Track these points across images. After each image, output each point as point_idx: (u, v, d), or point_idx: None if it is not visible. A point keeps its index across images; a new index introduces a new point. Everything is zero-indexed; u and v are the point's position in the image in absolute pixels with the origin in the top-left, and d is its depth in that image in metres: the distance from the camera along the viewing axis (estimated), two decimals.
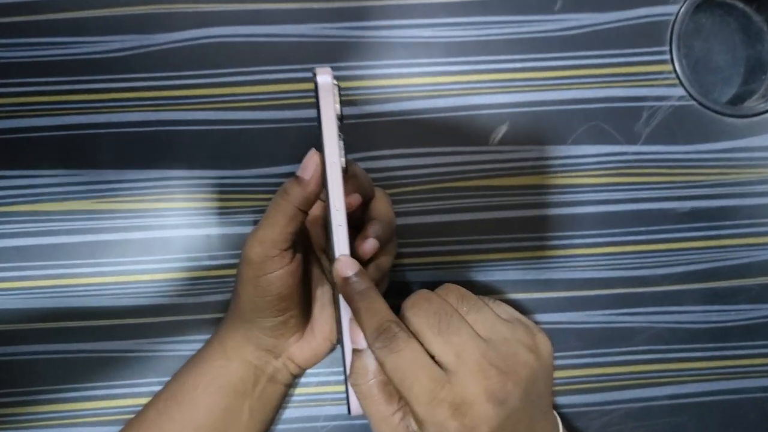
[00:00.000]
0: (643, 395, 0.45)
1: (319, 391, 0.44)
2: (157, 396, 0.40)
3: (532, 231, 0.45)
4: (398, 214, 0.44)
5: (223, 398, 0.39)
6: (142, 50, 0.44)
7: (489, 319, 0.32)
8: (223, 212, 0.44)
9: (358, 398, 0.32)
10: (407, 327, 0.31)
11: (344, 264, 0.33)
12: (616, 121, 0.45)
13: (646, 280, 0.45)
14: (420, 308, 0.31)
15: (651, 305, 0.45)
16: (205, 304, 0.44)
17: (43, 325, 0.43)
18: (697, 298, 0.45)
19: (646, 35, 0.46)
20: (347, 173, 0.34)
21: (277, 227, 0.35)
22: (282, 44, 0.45)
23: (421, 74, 0.45)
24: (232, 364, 0.39)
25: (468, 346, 0.30)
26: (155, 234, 0.44)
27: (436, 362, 0.30)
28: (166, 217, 0.44)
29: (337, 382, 0.44)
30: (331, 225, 0.33)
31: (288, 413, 0.43)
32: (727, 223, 0.46)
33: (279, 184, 0.43)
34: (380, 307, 0.32)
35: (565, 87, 0.45)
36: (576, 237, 0.45)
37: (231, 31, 0.44)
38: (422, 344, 0.31)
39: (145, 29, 0.44)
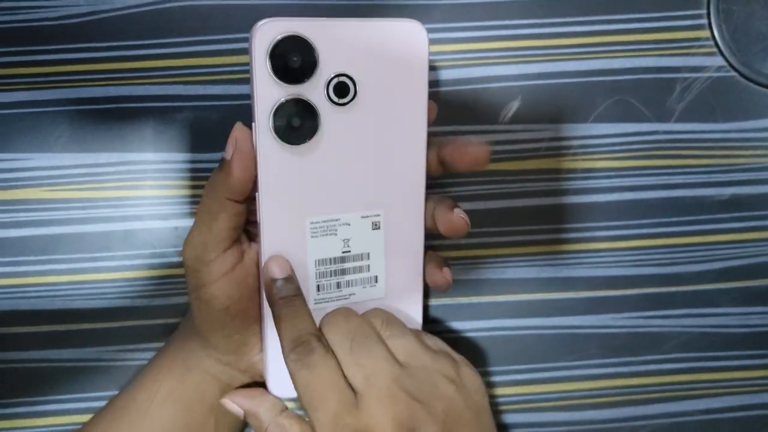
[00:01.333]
0: (674, 409, 0.40)
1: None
2: (110, 403, 0.35)
3: (547, 222, 0.39)
4: None
5: (185, 412, 0.33)
6: (98, 15, 0.38)
7: (411, 346, 0.30)
8: (193, 201, 0.39)
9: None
10: (323, 338, 0.29)
11: (275, 265, 0.30)
12: (645, 96, 0.39)
13: (679, 278, 0.40)
14: (336, 324, 0.29)
15: (683, 307, 0.40)
16: (173, 306, 0.39)
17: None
18: (735, 299, 0.40)
19: None
20: None
21: (206, 225, 0.29)
22: (260, 7, 0.39)
23: None
24: (193, 376, 0.33)
25: (379, 369, 0.28)
26: (116, 226, 0.38)
27: (336, 378, 0.28)
28: (128, 207, 0.39)
29: None
30: (260, 214, 0.29)
31: None
32: None
33: None
34: (303, 317, 0.29)
35: (586, 56, 0.39)
36: (598, 229, 0.39)
37: None
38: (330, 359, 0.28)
39: None
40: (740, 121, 0.40)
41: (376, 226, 0.31)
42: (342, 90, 0.29)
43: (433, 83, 0.39)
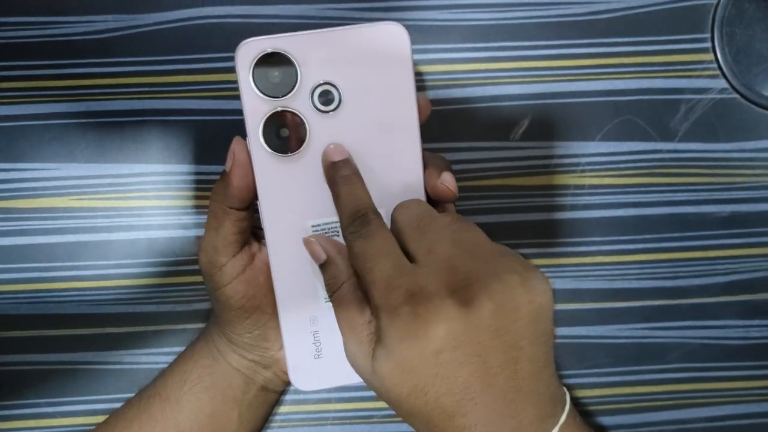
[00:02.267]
0: (678, 417, 0.41)
1: (319, 409, 0.40)
2: (140, 392, 0.36)
3: (556, 236, 0.41)
4: None
5: (210, 401, 0.35)
6: (127, 31, 0.40)
7: (478, 239, 0.29)
8: None
9: (334, 308, 0.29)
10: (393, 227, 0.29)
11: (334, 150, 0.30)
12: (650, 116, 0.41)
13: (682, 292, 0.41)
14: (407, 207, 0.29)
15: (687, 319, 0.41)
16: (195, 312, 0.40)
17: (16, 333, 0.39)
18: (736, 312, 0.41)
19: (685, 20, 0.41)
20: None
21: (214, 231, 0.31)
22: (281, 26, 0.40)
23: (436, 61, 0.41)
24: (220, 367, 0.35)
25: (442, 244, 0.28)
26: (140, 235, 0.40)
27: (395, 247, 0.28)
28: (152, 216, 0.40)
29: (339, 400, 0.40)
30: (262, 219, 0.31)
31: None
32: None
33: None
34: (361, 194, 0.30)
35: (594, 77, 0.41)
36: (604, 243, 0.41)
37: (225, 12, 0.40)
38: (399, 239, 0.29)
39: (131, 8, 0.40)
40: (741, 142, 0.41)
41: None
42: (326, 98, 0.30)
43: (447, 101, 0.41)
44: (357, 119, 0.30)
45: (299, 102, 0.30)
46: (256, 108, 0.29)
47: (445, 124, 0.40)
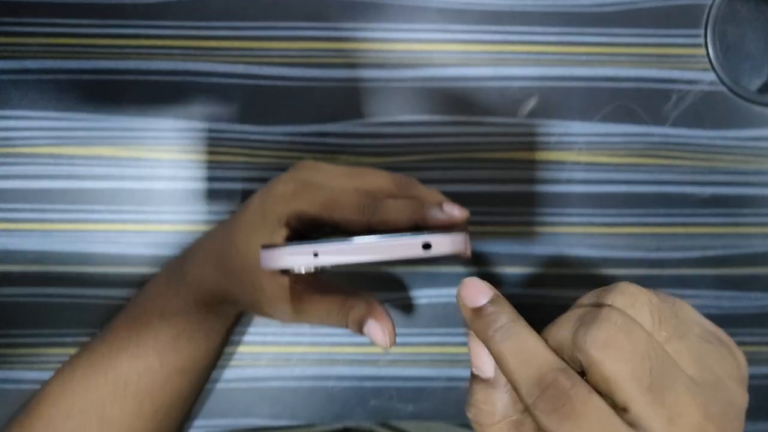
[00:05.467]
0: None
1: (331, 351, 0.44)
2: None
3: (552, 206, 0.45)
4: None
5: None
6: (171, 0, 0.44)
7: (695, 347, 0.23)
8: (247, 167, 0.44)
9: None
10: (593, 371, 0.22)
11: (474, 288, 0.24)
12: (644, 102, 0.45)
13: (663, 263, 0.45)
14: (620, 347, 0.21)
15: (665, 287, 0.45)
16: None
17: (61, 268, 0.43)
18: (711, 283, 0.46)
19: (681, 17, 0.45)
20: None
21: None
22: (315, 1, 0.44)
23: (453, 41, 0.45)
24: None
25: (687, 407, 0.21)
26: (179, 185, 0.44)
27: (627, 421, 0.21)
28: (190, 168, 0.44)
29: (349, 343, 0.44)
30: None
31: (299, 371, 0.44)
32: (746, 210, 0.46)
33: (304, 143, 0.43)
34: (537, 348, 0.23)
35: (596, 64, 0.45)
36: (596, 215, 0.45)
37: None
38: (608, 395, 0.22)
39: None
40: (724, 130, 0.46)
41: None
42: None
43: (461, 78, 0.45)
44: None
45: None
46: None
47: (457, 99, 0.45)
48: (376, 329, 0.33)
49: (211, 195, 0.44)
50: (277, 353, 0.44)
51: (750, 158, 0.46)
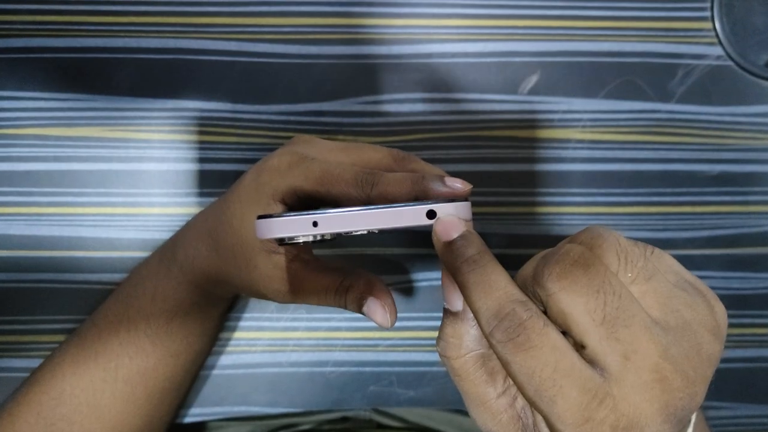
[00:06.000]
0: None
1: (329, 336, 0.43)
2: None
3: (556, 186, 0.44)
4: None
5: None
6: None
7: (663, 292, 0.22)
8: (240, 148, 0.43)
9: (450, 373, 0.25)
10: (550, 304, 0.22)
11: (448, 224, 0.24)
12: (650, 78, 0.44)
13: (670, 243, 0.44)
14: (575, 280, 0.21)
15: None
16: None
17: (49, 253, 0.42)
18: (719, 264, 0.44)
19: None
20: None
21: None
22: None
23: (453, 15, 0.43)
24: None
25: (643, 343, 0.21)
26: (169, 167, 0.42)
27: (585, 358, 0.21)
28: (181, 149, 0.42)
29: (347, 328, 0.43)
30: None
31: (296, 357, 0.43)
32: (755, 189, 0.44)
33: (300, 122, 0.42)
34: (499, 279, 0.23)
35: (600, 38, 0.44)
36: (601, 195, 0.44)
37: None
38: (567, 332, 0.22)
39: None
40: (733, 106, 0.44)
41: None
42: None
43: (462, 54, 0.43)
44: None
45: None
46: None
47: (457, 75, 0.43)
48: (376, 307, 0.31)
49: (203, 177, 0.43)
50: (274, 339, 0.42)
51: (759, 135, 0.44)
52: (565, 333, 0.22)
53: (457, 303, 0.24)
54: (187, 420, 0.42)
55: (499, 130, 0.44)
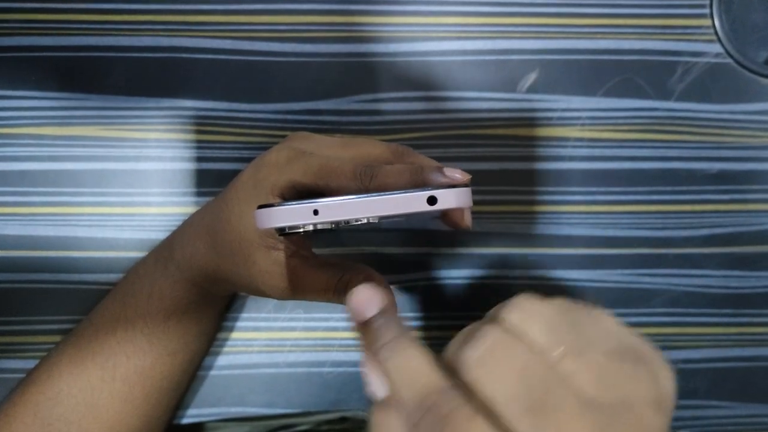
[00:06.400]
0: None
1: (326, 336, 0.43)
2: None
3: (554, 184, 0.43)
4: None
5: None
6: None
7: (598, 365, 0.21)
8: (237, 147, 0.42)
9: None
10: (476, 391, 0.21)
11: (364, 297, 0.23)
12: (649, 75, 0.44)
13: (669, 242, 0.44)
14: (494, 368, 0.21)
15: (672, 267, 0.44)
16: None
17: (45, 253, 0.42)
18: (718, 263, 0.44)
19: None
20: None
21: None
22: None
23: (451, 13, 0.43)
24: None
25: (574, 428, 0.20)
26: (166, 166, 0.42)
27: None
28: (177, 148, 0.42)
29: (345, 328, 0.43)
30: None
31: (294, 357, 0.42)
32: (755, 187, 0.44)
33: (296, 121, 0.42)
34: (420, 366, 0.21)
35: (599, 36, 0.43)
36: (600, 193, 0.44)
37: None
38: (495, 420, 0.20)
39: None
40: (732, 104, 0.44)
41: None
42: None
43: (459, 52, 0.43)
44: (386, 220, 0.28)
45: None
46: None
47: (455, 73, 0.43)
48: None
49: (200, 176, 0.42)
50: (271, 339, 0.42)
51: (758, 133, 0.44)
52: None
53: (379, 389, 0.22)
54: (185, 421, 0.42)
55: (498, 129, 0.43)
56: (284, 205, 0.25)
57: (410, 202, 0.25)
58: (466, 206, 0.25)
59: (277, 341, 0.42)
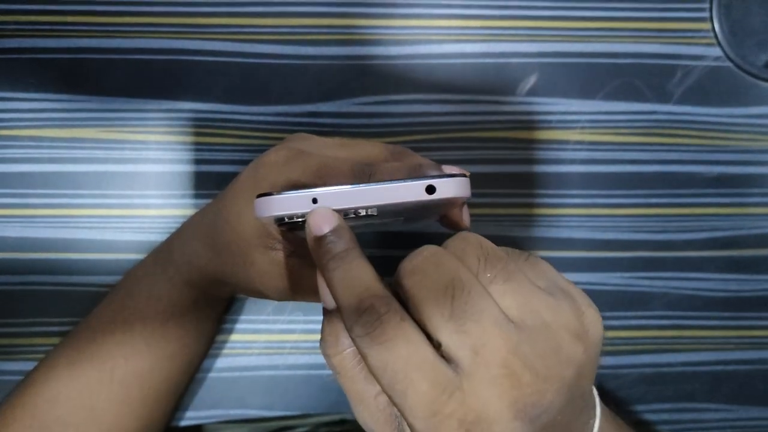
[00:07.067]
0: (657, 361, 0.44)
1: None
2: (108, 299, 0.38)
3: (554, 187, 0.44)
4: None
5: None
6: None
7: (523, 292, 0.23)
8: (236, 149, 0.42)
9: (332, 371, 0.25)
10: (406, 301, 0.23)
11: (320, 217, 0.24)
12: (648, 79, 0.44)
13: (669, 245, 0.44)
14: (425, 275, 0.23)
15: (671, 270, 0.44)
16: None
17: (44, 255, 0.42)
18: (717, 266, 0.44)
19: None
20: None
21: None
22: None
23: (451, 16, 0.43)
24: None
25: (492, 338, 0.21)
26: (165, 168, 0.42)
27: (442, 355, 0.22)
28: (176, 150, 0.42)
29: None
30: None
31: (293, 360, 0.42)
32: (754, 190, 0.44)
33: (296, 123, 0.42)
34: (362, 275, 0.23)
35: (598, 39, 0.43)
36: (600, 196, 0.44)
37: None
38: (423, 329, 0.22)
39: None
40: (732, 107, 0.44)
41: None
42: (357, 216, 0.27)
43: (459, 55, 0.43)
44: (387, 216, 0.28)
45: None
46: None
47: (455, 76, 0.43)
48: None
49: (199, 178, 0.42)
50: (270, 341, 0.42)
51: (757, 136, 0.44)
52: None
53: (329, 300, 0.24)
54: (184, 423, 0.42)
55: (497, 132, 0.43)
56: (283, 194, 0.25)
57: (409, 191, 0.25)
58: (465, 196, 0.25)
59: (276, 343, 0.42)
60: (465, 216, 0.32)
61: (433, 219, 0.32)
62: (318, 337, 0.42)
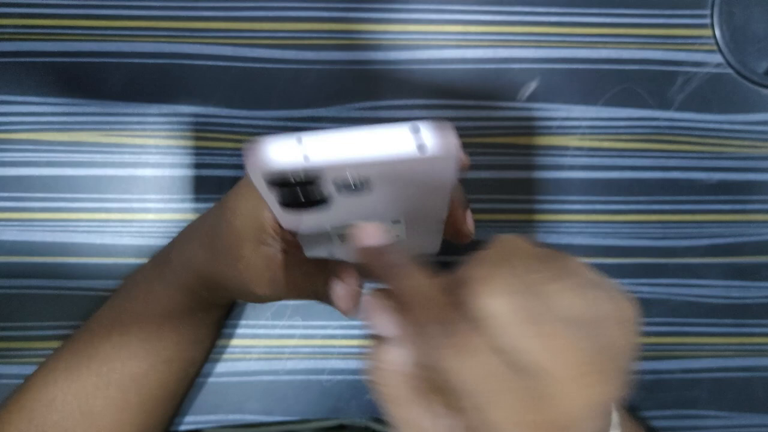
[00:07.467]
0: (657, 367, 0.44)
1: (325, 344, 0.43)
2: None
3: (554, 193, 0.43)
4: None
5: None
6: None
7: (574, 290, 0.23)
8: (236, 154, 0.42)
9: (382, 400, 0.24)
10: (478, 307, 0.22)
11: (372, 229, 0.25)
12: (649, 85, 0.44)
13: (670, 251, 0.44)
14: (498, 284, 0.22)
15: (672, 277, 0.44)
16: None
17: (42, 259, 0.41)
18: (719, 273, 0.44)
19: None
20: None
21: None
22: None
23: (452, 21, 0.43)
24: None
25: (566, 339, 0.21)
26: (164, 172, 0.42)
27: (507, 359, 0.21)
28: (176, 155, 0.42)
29: (344, 336, 0.43)
30: None
31: (292, 365, 0.42)
32: (755, 197, 0.44)
33: (296, 128, 0.42)
34: (431, 285, 0.23)
35: (600, 45, 0.43)
36: (600, 203, 0.44)
37: None
38: (493, 336, 0.22)
39: None
40: (732, 114, 0.44)
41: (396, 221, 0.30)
42: (348, 186, 0.25)
43: (460, 60, 0.43)
44: (383, 200, 0.27)
45: (322, 188, 0.25)
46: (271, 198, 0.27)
47: (455, 82, 0.43)
48: (337, 289, 0.31)
49: (199, 182, 0.42)
50: (269, 346, 0.42)
51: (758, 143, 0.44)
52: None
53: (389, 328, 0.23)
54: (182, 428, 0.41)
55: (498, 137, 0.43)
56: (267, 139, 0.25)
57: (392, 133, 0.24)
58: (454, 152, 0.24)
59: (275, 348, 0.42)
60: (469, 222, 0.32)
61: (435, 223, 0.32)
62: (317, 342, 0.42)
